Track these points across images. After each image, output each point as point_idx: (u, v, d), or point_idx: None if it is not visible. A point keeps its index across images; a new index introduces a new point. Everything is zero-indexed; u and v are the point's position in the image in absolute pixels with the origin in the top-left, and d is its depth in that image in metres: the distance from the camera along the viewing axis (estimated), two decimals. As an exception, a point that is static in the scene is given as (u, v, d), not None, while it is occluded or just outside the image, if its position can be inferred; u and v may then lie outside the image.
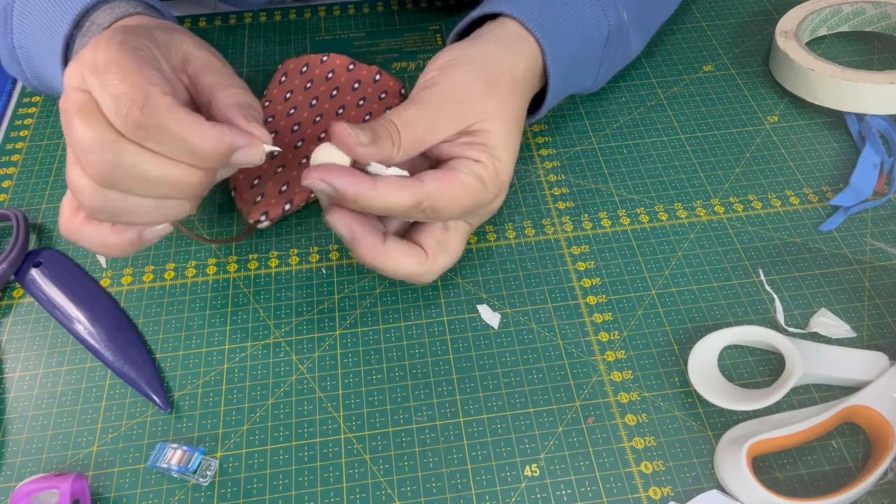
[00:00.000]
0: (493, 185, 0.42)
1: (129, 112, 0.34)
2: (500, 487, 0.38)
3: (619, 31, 0.51)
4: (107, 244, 0.39)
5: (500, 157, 0.42)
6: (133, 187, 0.36)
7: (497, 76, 0.44)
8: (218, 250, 0.48)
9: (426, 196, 0.40)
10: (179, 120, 0.35)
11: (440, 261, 0.43)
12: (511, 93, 0.45)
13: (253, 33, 0.63)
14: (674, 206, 0.50)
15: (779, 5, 0.65)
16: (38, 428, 0.41)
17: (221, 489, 0.39)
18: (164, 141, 0.35)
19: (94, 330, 0.44)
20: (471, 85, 0.43)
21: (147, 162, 0.35)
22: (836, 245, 0.48)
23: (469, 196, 0.41)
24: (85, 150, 0.35)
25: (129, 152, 0.35)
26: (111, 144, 0.35)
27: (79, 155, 0.36)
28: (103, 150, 0.35)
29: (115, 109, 0.35)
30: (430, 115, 0.42)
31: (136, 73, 0.35)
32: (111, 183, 0.36)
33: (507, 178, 0.44)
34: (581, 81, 0.52)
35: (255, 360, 0.43)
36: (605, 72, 0.53)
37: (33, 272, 0.47)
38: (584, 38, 0.49)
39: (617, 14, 0.50)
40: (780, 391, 0.39)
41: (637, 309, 0.45)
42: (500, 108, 0.43)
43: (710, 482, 0.38)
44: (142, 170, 0.35)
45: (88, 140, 0.35)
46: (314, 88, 0.55)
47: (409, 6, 0.66)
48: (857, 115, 0.54)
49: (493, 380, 0.42)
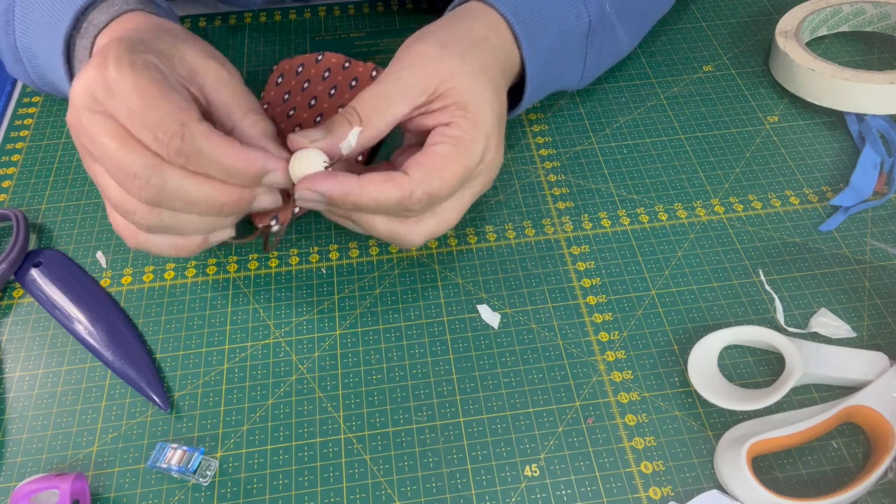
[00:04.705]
0: (475, 141, 0.41)
1: (170, 142, 0.36)
2: (500, 487, 0.38)
3: (602, 22, 0.51)
4: (176, 246, 0.41)
5: (473, 109, 0.41)
6: (178, 206, 0.38)
7: (451, 40, 0.44)
8: (218, 250, 0.48)
9: (414, 185, 0.39)
10: (216, 145, 0.37)
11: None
12: (470, 49, 0.44)
13: (253, 33, 0.63)
14: (674, 206, 0.50)
15: (779, 5, 0.65)
16: (38, 428, 0.41)
17: (221, 489, 0.39)
18: (202, 164, 0.37)
19: (94, 330, 0.44)
20: (425, 50, 0.43)
21: (190, 185, 0.37)
22: (836, 245, 0.48)
23: (455, 163, 0.40)
24: (131, 175, 0.37)
25: (172, 177, 0.37)
26: (156, 169, 0.36)
27: (123, 180, 0.37)
28: (151, 175, 0.36)
29: (154, 139, 0.36)
30: (387, 87, 0.41)
31: (163, 100, 0.36)
32: (158, 203, 0.38)
33: (490, 126, 0.42)
34: (565, 74, 0.52)
35: (255, 360, 0.43)
36: (592, 66, 0.53)
37: (33, 272, 0.47)
38: (562, 27, 0.49)
39: (598, 4, 0.50)
40: (780, 391, 0.39)
41: (637, 309, 0.45)
42: (460, 64, 0.42)
43: (710, 482, 0.38)
44: (185, 192, 0.37)
45: (135, 166, 0.36)
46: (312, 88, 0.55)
47: (409, 6, 0.66)
48: (857, 115, 0.54)
49: (493, 380, 0.42)
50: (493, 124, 0.42)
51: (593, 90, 0.58)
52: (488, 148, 0.42)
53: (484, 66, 0.43)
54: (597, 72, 0.54)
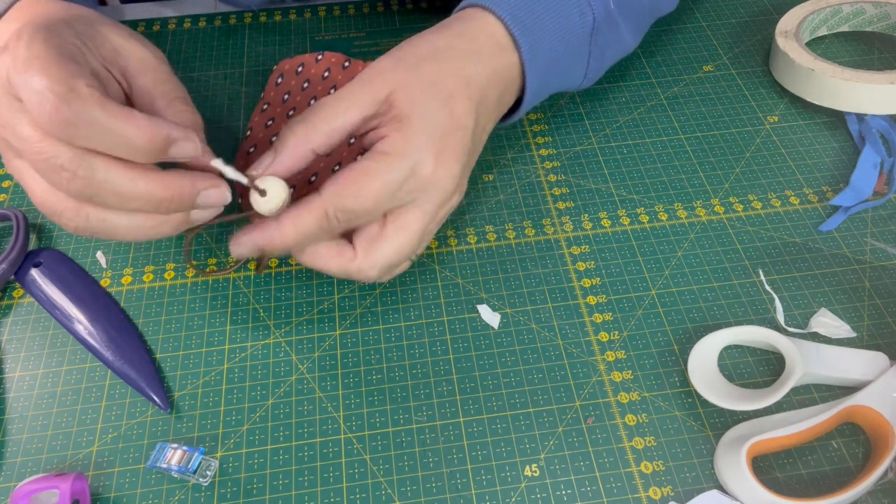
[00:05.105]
0: (402, 155, 0.39)
1: (53, 107, 0.32)
2: (500, 487, 0.38)
3: (607, 21, 0.49)
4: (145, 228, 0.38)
5: (409, 122, 0.39)
6: (110, 201, 0.35)
7: (410, 52, 0.43)
8: (218, 250, 0.48)
9: (326, 204, 0.38)
10: (111, 113, 0.33)
11: (374, 257, 0.40)
12: (426, 59, 0.42)
13: (253, 33, 0.63)
14: (674, 206, 0.50)
15: (779, 5, 0.65)
16: (38, 428, 0.41)
17: (221, 489, 0.39)
18: (97, 136, 0.34)
19: (94, 330, 0.44)
20: (382, 63, 0.42)
21: (120, 175, 0.35)
22: (836, 245, 0.48)
23: (372, 179, 0.38)
24: (58, 167, 0.34)
25: (101, 166, 0.34)
26: (84, 158, 0.34)
27: (49, 173, 0.35)
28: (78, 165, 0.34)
29: (38, 106, 0.33)
30: (338, 95, 0.41)
31: (58, 67, 0.33)
32: (88, 196, 0.35)
33: (425, 139, 0.40)
34: (569, 75, 0.50)
35: (255, 360, 0.43)
36: (596, 65, 0.51)
37: (33, 272, 0.47)
38: (566, 27, 0.47)
39: (603, 2, 0.49)
40: (780, 391, 0.39)
41: (637, 309, 0.45)
42: (413, 75, 0.41)
43: (710, 482, 0.38)
44: (116, 183, 0.35)
45: (62, 157, 0.34)
46: (311, 88, 0.55)
47: (409, 6, 0.66)
48: (857, 115, 0.54)
49: (493, 380, 0.42)
50: (429, 138, 0.40)
51: (593, 90, 0.58)
52: (422, 162, 0.39)
53: (438, 76, 0.42)
54: (600, 71, 0.53)
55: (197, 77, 0.59)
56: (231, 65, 0.60)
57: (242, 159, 0.51)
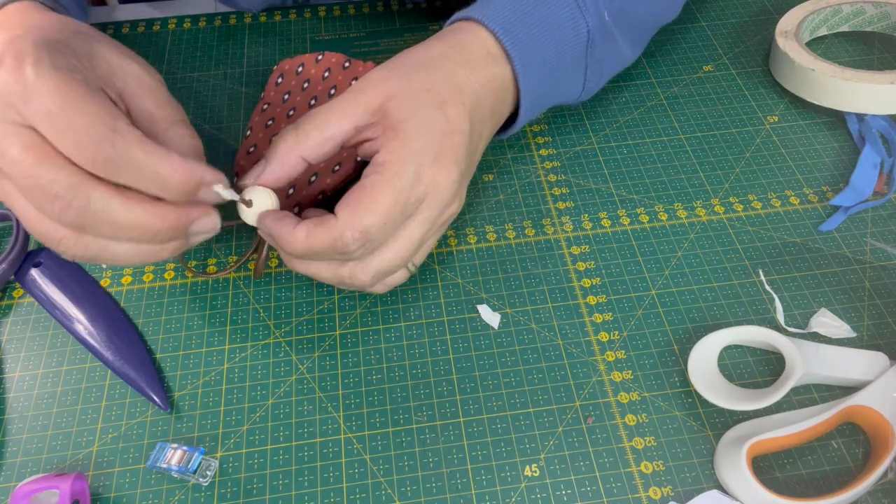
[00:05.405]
0: (403, 161, 0.39)
1: (98, 148, 0.33)
2: (500, 487, 0.38)
3: (602, 33, 0.49)
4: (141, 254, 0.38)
5: (404, 128, 0.39)
6: (104, 232, 0.35)
7: (402, 62, 0.43)
8: (218, 250, 0.48)
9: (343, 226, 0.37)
10: (150, 153, 0.34)
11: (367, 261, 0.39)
12: (418, 69, 0.42)
13: (253, 33, 0.63)
14: (674, 206, 0.50)
15: (779, 5, 0.65)
16: (38, 428, 0.41)
17: (221, 489, 0.39)
18: (131, 173, 0.34)
19: (94, 330, 0.44)
20: (374, 74, 0.42)
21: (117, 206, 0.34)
22: (836, 245, 0.48)
23: (383, 193, 0.38)
24: (51, 196, 0.33)
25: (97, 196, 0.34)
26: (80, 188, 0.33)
27: (42, 201, 0.34)
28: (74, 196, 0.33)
29: (80, 146, 0.33)
30: (331, 104, 0.41)
31: (90, 102, 0.33)
32: (81, 227, 0.35)
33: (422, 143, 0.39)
34: (565, 88, 0.50)
35: (255, 360, 0.43)
36: (594, 77, 0.51)
37: (33, 272, 0.47)
38: (560, 40, 0.47)
39: (597, 14, 0.48)
40: (780, 391, 0.39)
41: (637, 309, 0.45)
42: (405, 83, 0.41)
43: (710, 482, 0.38)
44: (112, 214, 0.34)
45: (56, 185, 0.33)
46: (312, 88, 0.55)
47: (409, 6, 0.66)
48: (857, 115, 0.54)
49: (493, 380, 0.42)
50: (427, 141, 0.40)
51: (593, 90, 0.58)
52: (422, 165, 0.39)
53: (431, 83, 0.42)
54: (599, 83, 0.53)
55: (197, 77, 0.59)
56: (231, 65, 0.60)
57: (242, 159, 0.51)
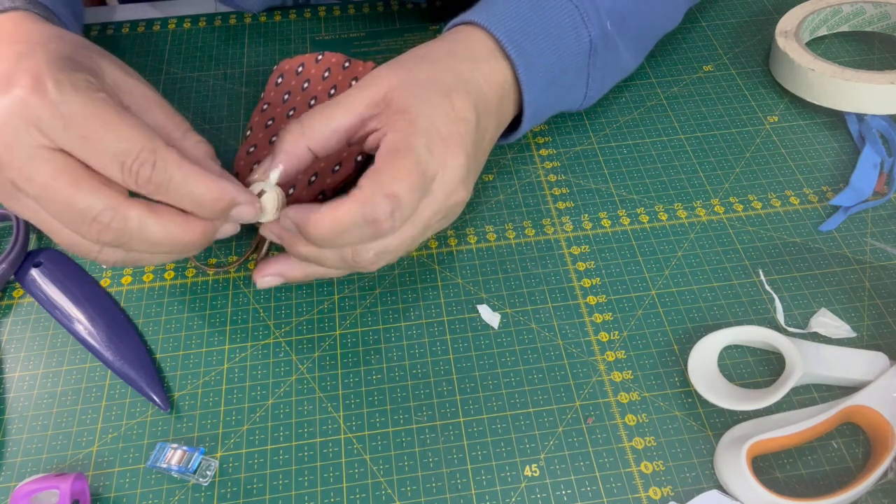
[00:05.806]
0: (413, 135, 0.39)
1: (140, 170, 0.34)
2: (500, 487, 0.38)
3: (604, 42, 0.49)
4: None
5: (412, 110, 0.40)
6: (138, 247, 0.36)
7: (407, 57, 0.43)
8: (218, 250, 0.48)
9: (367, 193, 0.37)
10: (188, 173, 0.35)
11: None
12: (421, 63, 0.43)
13: (253, 33, 0.63)
14: (674, 206, 0.50)
15: (779, 5, 0.65)
16: (38, 428, 0.41)
17: (221, 489, 0.39)
18: (170, 194, 0.35)
19: (94, 330, 0.44)
20: (379, 69, 0.43)
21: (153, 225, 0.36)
22: (836, 245, 0.48)
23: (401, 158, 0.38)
24: (89, 220, 0.34)
25: (133, 216, 0.35)
26: (117, 211, 0.34)
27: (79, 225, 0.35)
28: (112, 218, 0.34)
29: (120, 168, 0.34)
30: (335, 100, 0.41)
31: (125, 125, 0.34)
32: (117, 245, 0.36)
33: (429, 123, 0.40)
34: (568, 95, 0.50)
35: (255, 360, 0.43)
36: (596, 85, 0.51)
37: (33, 272, 0.47)
38: (562, 49, 0.47)
39: (599, 23, 0.48)
40: (780, 391, 0.39)
41: (637, 309, 0.45)
42: (408, 75, 0.41)
43: (710, 482, 0.38)
44: (148, 232, 0.36)
45: (95, 209, 0.34)
46: (311, 88, 0.55)
47: (409, 6, 0.66)
48: (857, 115, 0.54)
49: (493, 380, 0.42)
50: (433, 123, 0.40)
51: (593, 90, 0.58)
52: (432, 142, 0.39)
53: (434, 75, 0.42)
54: (601, 91, 0.53)
55: (197, 77, 0.59)
56: (231, 65, 0.60)
57: (242, 159, 0.51)
